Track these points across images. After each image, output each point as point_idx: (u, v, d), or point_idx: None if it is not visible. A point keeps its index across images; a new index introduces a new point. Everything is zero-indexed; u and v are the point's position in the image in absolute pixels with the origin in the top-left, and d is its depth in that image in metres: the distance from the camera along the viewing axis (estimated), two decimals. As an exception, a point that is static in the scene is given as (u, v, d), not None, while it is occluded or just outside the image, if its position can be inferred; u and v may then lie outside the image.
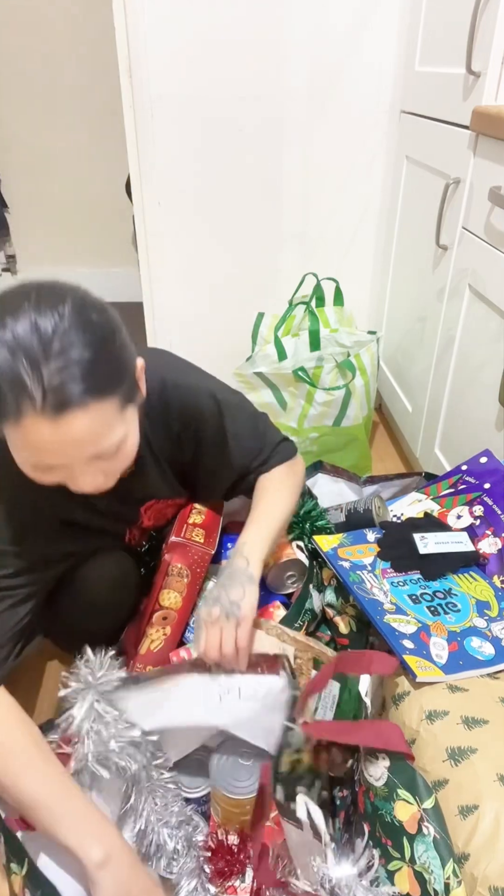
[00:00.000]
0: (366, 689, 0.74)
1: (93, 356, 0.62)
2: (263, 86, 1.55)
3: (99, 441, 0.66)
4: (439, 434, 1.36)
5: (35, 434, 0.62)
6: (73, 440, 0.63)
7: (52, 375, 0.60)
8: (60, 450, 0.64)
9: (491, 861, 0.58)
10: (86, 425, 0.63)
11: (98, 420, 0.64)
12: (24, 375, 0.59)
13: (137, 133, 1.56)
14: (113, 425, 0.67)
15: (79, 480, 0.69)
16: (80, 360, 0.61)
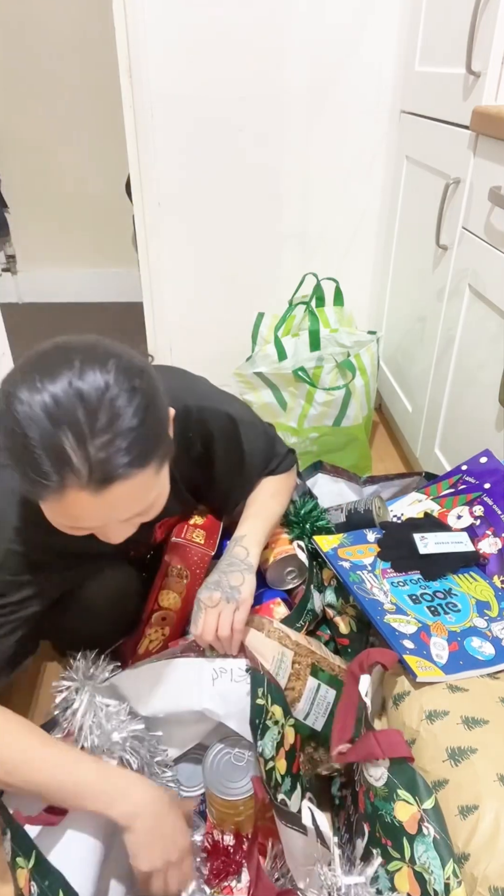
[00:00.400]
0: (366, 689, 0.74)
1: (137, 426, 0.60)
2: (263, 86, 1.55)
3: (137, 506, 0.66)
4: (439, 434, 1.36)
5: (76, 506, 0.61)
6: (114, 509, 0.63)
7: (99, 450, 0.58)
8: (99, 517, 0.64)
9: (491, 861, 0.58)
10: (127, 494, 0.62)
11: (138, 487, 0.63)
12: (69, 450, 0.58)
13: (137, 133, 1.56)
14: (151, 487, 0.66)
15: (111, 536, 0.69)
16: (126, 433, 0.60)
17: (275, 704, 0.76)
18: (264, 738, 0.73)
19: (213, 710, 0.79)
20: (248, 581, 0.86)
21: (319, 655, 0.87)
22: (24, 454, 0.59)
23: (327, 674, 0.86)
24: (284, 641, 0.85)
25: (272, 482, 1.02)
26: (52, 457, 0.58)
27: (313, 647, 0.89)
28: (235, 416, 0.92)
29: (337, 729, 0.74)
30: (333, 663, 0.88)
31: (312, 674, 0.84)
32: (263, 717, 0.74)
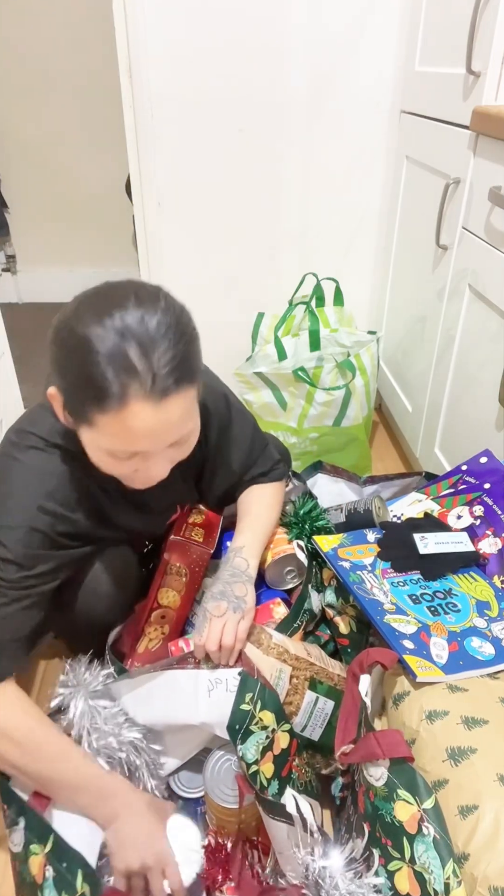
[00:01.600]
0: (366, 689, 0.74)
1: (187, 348, 0.68)
2: (263, 86, 1.55)
3: (184, 426, 0.72)
4: (439, 434, 1.36)
5: (137, 418, 0.66)
6: (169, 424, 0.69)
7: (161, 362, 0.65)
8: (155, 434, 0.69)
9: (491, 861, 0.58)
10: (180, 409, 0.69)
11: (187, 406, 0.71)
12: (134, 360, 0.64)
13: (137, 133, 1.56)
14: (193, 412, 0.74)
15: (152, 470, 0.74)
16: (181, 351, 0.67)
17: (265, 710, 0.76)
18: (246, 742, 0.73)
19: (210, 722, 0.78)
20: (251, 592, 0.88)
21: (318, 667, 0.87)
22: (88, 369, 0.65)
23: (326, 685, 0.86)
24: (283, 657, 0.84)
25: (265, 492, 1.04)
26: (118, 366, 0.64)
27: (313, 657, 0.87)
28: (230, 399, 0.98)
29: (339, 730, 0.74)
30: (332, 673, 0.88)
31: (311, 687, 0.84)
32: (247, 722, 0.74)
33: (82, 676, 0.81)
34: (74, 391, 0.69)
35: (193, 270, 1.76)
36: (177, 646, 0.92)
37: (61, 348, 0.68)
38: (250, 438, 1.02)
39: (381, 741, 0.66)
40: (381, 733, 0.66)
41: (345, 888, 0.61)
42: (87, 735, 0.77)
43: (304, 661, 0.85)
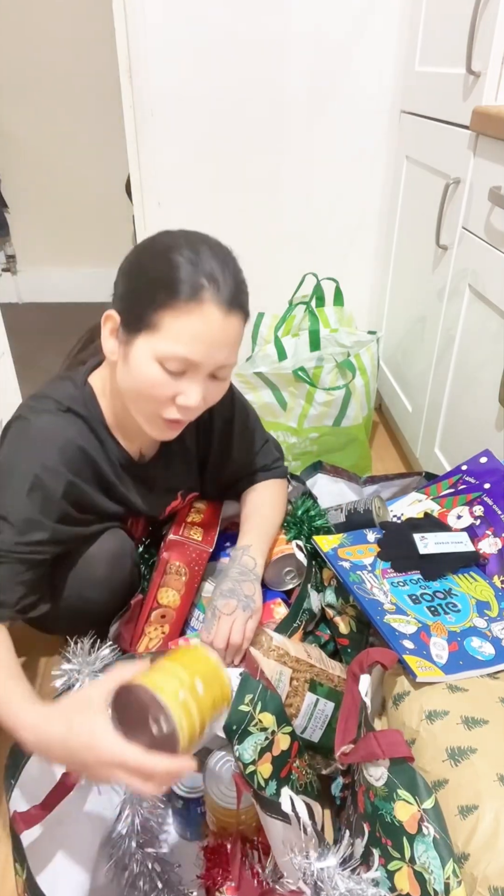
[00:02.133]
0: (366, 689, 0.74)
1: (243, 285, 0.80)
2: (263, 85, 1.55)
3: (233, 351, 0.80)
4: (439, 434, 1.36)
5: (207, 318, 0.75)
6: (229, 337, 0.78)
7: (227, 277, 0.77)
8: (215, 342, 0.77)
9: (491, 861, 0.58)
10: (236, 329, 0.79)
11: (240, 333, 0.80)
12: (213, 269, 0.76)
13: (137, 133, 1.56)
14: (239, 347, 0.81)
15: (189, 391, 0.79)
16: (239, 279, 0.80)
17: (265, 711, 0.75)
18: (243, 742, 0.72)
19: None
20: (259, 591, 0.90)
21: (318, 668, 0.86)
22: (167, 267, 0.75)
23: (326, 688, 0.86)
24: (283, 659, 0.84)
25: (269, 491, 1.06)
26: (198, 269, 0.75)
27: (313, 659, 0.87)
28: (236, 394, 1.02)
29: (339, 730, 0.74)
30: (332, 674, 0.88)
31: (311, 689, 0.84)
32: (245, 723, 0.73)
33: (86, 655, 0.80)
34: (146, 290, 0.77)
35: (193, 270, 1.76)
36: (177, 645, 0.92)
37: (137, 258, 0.81)
38: (254, 430, 1.06)
39: (381, 741, 0.66)
40: (381, 733, 0.66)
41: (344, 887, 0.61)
42: None
43: (304, 662, 0.85)
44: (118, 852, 0.77)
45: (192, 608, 1.00)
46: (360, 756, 0.68)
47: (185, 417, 0.82)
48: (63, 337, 0.99)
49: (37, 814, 0.68)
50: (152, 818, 0.81)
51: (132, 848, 0.78)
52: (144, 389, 0.80)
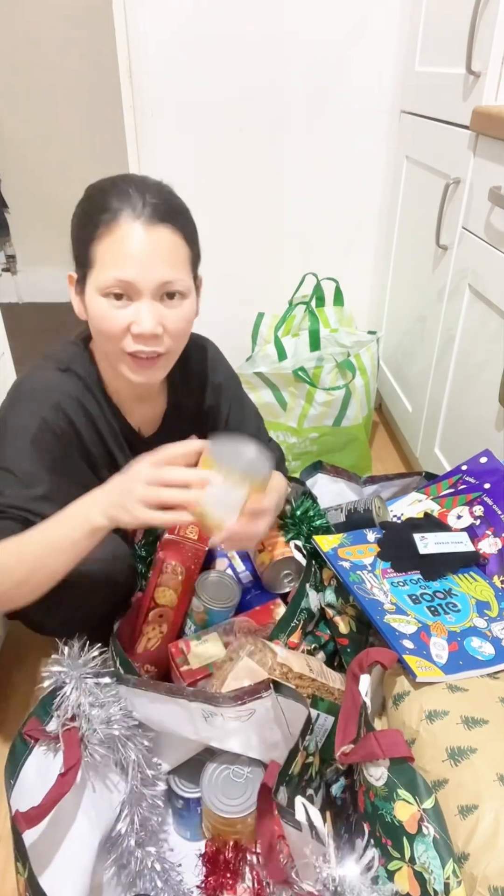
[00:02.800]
0: (366, 689, 0.73)
1: (180, 206, 0.83)
2: (263, 85, 1.55)
3: (172, 266, 0.79)
4: (439, 434, 1.36)
5: (127, 234, 0.76)
6: (156, 248, 0.78)
7: (153, 197, 0.79)
8: (143, 257, 0.77)
9: (491, 861, 0.58)
10: (168, 241, 0.79)
11: (177, 248, 0.80)
12: (130, 190, 0.78)
13: (137, 133, 1.56)
14: (184, 265, 0.82)
15: (142, 315, 0.78)
16: (173, 201, 0.82)
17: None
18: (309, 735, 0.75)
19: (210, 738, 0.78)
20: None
21: (319, 683, 0.86)
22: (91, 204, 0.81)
23: (327, 702, 0.85)
24: (287, 676, 0.83)
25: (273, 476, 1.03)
26: (115, 195, 0.78)
27: (314, 672, 0.86)
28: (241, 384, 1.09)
29: (339, 730, 0.74)
30: (333, 688, 0.87)
31: (312, 705, 0.83)
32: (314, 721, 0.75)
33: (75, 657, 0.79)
34: (78, 236, 0.83)
35: (193, 270, 1.76)
36: (176, 647, 0.92)
37: (76, 209, 0.84)
38: (254, 422, 1.10)
39: (381, 741, 0.65)
40: (381, 733, 0.66)
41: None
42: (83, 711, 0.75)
43: (307, 678, 0.85)
44: (118, 851, 0.77)
45: (189, 608, 1.00)
46: (360, 756, 0.68)
47: (147, 347, 0.81)
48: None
49: (38, 813, 0.68)
50: (152, 817, 0.81)
51: (132, 846, 0.78)
52: (102, 328, 0.81)
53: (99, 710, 0.75)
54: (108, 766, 0.78)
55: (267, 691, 0.74)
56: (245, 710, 0.74)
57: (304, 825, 0.67)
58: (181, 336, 0.85)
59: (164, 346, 0.83)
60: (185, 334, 0.86)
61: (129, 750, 0.77)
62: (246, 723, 0.75)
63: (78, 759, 0.71)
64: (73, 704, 0.75)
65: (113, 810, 0.78)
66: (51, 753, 0.76)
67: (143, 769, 0.79)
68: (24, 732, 0.77)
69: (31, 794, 0.72)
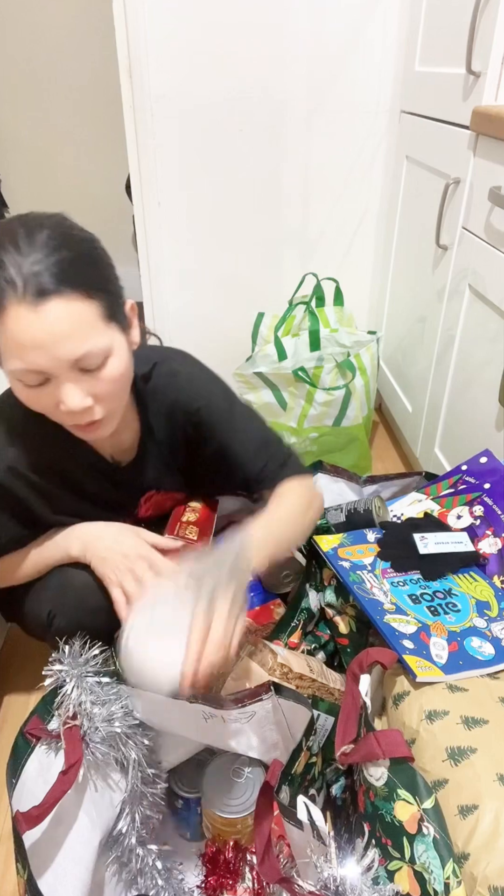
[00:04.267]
0: (366, 689, 0.74)
1: (72, 256, 0.67)
2: (264, 86, 1.55)
3: (80, 339, 0.68)
4: (439, 434, 1.36)
5: (16, 324, 0.65)
6: (53, 330, 0.66)
7: (34, 264, 0.65)
8: (42, 343, 0.66)
9: (491, 861, 0.58)
10: (65, 316, 0.66)
11: (77, 316, 0.67)
12: (9, 265, 0.65)
13: (137, 133, 1.56)
14: (94, 328, 0.69)
15: (66, 396, 0.70)
16: (61, 255, 0.66)
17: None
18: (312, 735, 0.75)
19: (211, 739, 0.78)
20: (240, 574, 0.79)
21: (319, 683, 0.86)
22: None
23: (327, 703, 0.85)
24: (287, 676, 0.83)
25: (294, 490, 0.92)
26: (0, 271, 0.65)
27: (315, 673, 0.86)
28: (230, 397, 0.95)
29: (340, 730, 0.74)
30: (333, 688, 0.87)
31: (312, 705, 0.83)
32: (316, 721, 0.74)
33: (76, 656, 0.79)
34: None
35: (194, 270, 1.76)
36: None
37: None
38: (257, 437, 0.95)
39: (381, 741, 0.66)
40: (381, 733, 0.66)
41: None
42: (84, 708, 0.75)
43: (307, 678, 0.85)
44: (119, 849, 0.77)
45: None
46: (360, 756, 0.68)
47: (83, 420, 0.75)
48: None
49: (39, 813, 0.68)
50: (153, 815, 0.81)
51: (133, 844, 0.78)
52: (32, 407, 0.74)
53: (100, 708, 0.75)
54: (108, 765, 0.78)
55: (267, 694, 0.74)
56: (245, 712, 0.74)
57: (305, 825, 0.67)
58: (117, 396, 0.77)
59: (102, 412, 0.75)
60: (123, 391, 0.78)
61: (129, 748, 0.77)
62: (246, 724, 0.75)
63: (79, 757, 0.71)
64: (74, 702, 0.75)
65: (114, 808, 0.78)
66: (52, 752, 0.76)
67: (144, 768, 0.79)
68: (26, 731, 0.77)
69: (32, 793, 0.72)
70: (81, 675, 0.76)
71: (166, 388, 0.90)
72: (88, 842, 0.74)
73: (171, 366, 0.91)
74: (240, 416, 0.94)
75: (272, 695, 0.74)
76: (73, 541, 0.88)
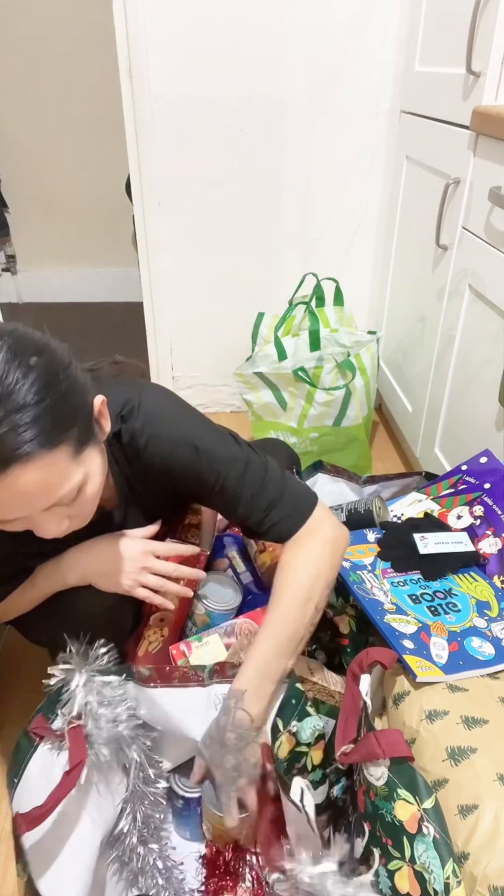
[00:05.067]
0: (366, 689, 0.74)
1: (34, 403, 0.58)
2: (264, 86, 1.55)
3: (51, 492, 0.62)
4: (439, 434, 1.36)
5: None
6: (22, 495, 0.60)
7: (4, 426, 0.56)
8: (13, 505, 0.61)
9: (491, 860, 0.58)
10: (32, 479, 0.59)
11: (46, 471, 0.60)
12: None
13: (137, 133, 1.57)
14: (66, 473, 0.63)
15: (42, 528, 0.66)
16: (18, 413, 0.57)
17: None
18: (302, 721, 0.75)
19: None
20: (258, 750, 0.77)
21: (320, 686, 0.86)
22: None
23: (327, 706, 0.85)
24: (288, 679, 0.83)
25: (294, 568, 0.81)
26: None
27: (315, 676, 0.86)
28: (201, 446, 0.79)
29: (340, 730, 0.74)
30: (333, 691, 0.87)
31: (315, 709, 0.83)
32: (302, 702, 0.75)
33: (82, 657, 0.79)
34: None
35: (193, 270, 1.76)
36: (177, 649, 0.92)
37: None
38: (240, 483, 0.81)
39: (381, 741, 0.66)
40: (381, 733, 0.66)
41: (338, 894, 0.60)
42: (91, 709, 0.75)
43: (308, 681, 0.85)
44: (120, 848, 0.77)
45: (190, 608, 1.00)
46: (361, 756, 0.68)
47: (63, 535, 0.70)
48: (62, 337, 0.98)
49: (39, 815, 0.68)
50: (154, 814, 0.81)
51: (134, 843, 0.78)
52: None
53: (106, 709, 0.75)
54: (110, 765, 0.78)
55: None
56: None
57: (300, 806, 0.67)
58: (93, 506, 0.70)
59: (79, 525, 0.71)
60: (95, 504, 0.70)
61: (132, 749, 0.77)
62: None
63: (83, 758, 0.71)
64: (79, 703, 0.75)
65: (115, 808, 0.78)
66: (55, 752, 0.76)
67: (146, 768, 0.79)
68: (31, 729, 0.77)
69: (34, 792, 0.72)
70: (88, 675, 0.76)
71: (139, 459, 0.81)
72: (90, 841, 0.74)
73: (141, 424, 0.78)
74: (214, 466, 0.80)
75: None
76: (68, 572, 0.86)
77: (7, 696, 1.11)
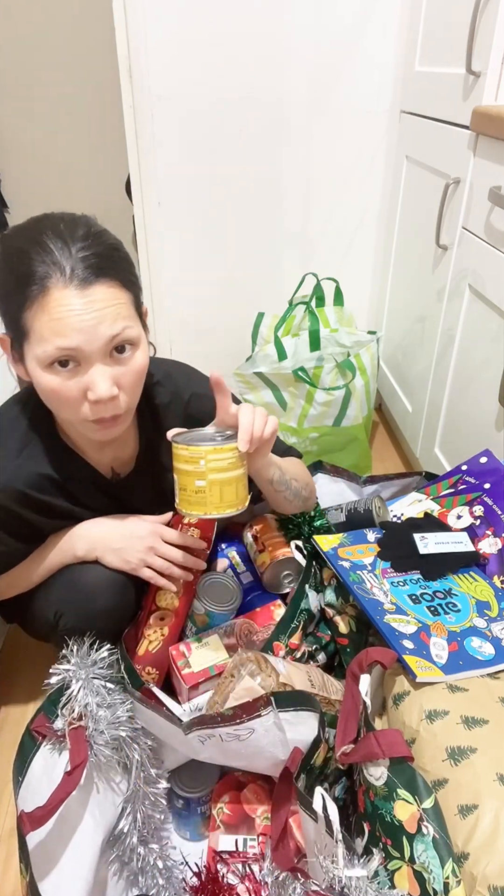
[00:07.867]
0: (366, 689, 0.74)
1: (110, 250, 0.74)
2: (264, 85, 1.55)
3: (117, 321, 0.73)
4: (439, 434, 1.36)
5: (61, 305, 0.69)
6: (96, 310, 0.71)
7: (80, 251, 0.71)
8: (87, 323, 0.70)
9: (490, 860, 0.58)
10: (108, 298, 0.72)
11: (117, 301, 0.73)
12: (55, 250, 0.70)
13: (137, 133, 1.57)
14: (129, 315, 0.75)
15: (94, 376, 0.74)
16: (102, 247, 0.72)
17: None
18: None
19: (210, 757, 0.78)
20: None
21: (322, 696, 0.85)
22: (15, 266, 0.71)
23: (329, 715, 0.84)
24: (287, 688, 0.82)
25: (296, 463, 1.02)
26: (39, 256, 0.70)
27: (316, 687, 0.85)
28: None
29: (340, 730, 0.74)
30: (333, 700, 0.85)
31: None
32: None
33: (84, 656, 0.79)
34: (8, 299, 0.73)
35: (194, 270, 1.76)
36: (177, 649, 0.92)
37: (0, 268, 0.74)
38: None
39: (381, 741, 0.66)
40: (380, 733, 0.66)
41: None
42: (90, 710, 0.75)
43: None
44: (121, 848, 0.78)
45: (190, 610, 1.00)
46: (361, 756, 0.68)
47: (107, 413, 0.77)
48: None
49: (42, 815, 0.68)
50: (155, 814, 0.81)
51: (134, 843, 0.78)
52: (53, 399, 0.76)
53: (106, 710, 0.75)
54: (111, 765, 0.78)
55: (266, 708, 0.72)
56: (244, 728, 0.73)
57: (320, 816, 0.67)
58: (137, 390, 0.81)
59: (123, 406, 0.79)
60: (140, 388, 0.81)
61: (133, 750, 0.77)
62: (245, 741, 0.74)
63: (84, 758, 0.71)
64: (80, 704, 0.75)
65: (116, 808, 0.78)
66: (56, 752, 0.76)
67: (147, 768, 0.79)
68: (33, 729, 0.77)
69: (36, 791, 0.72)
70: (89, 676, 0.77)
71: (163, 398, 0.94)
72: (92, 841, 0.74)
73: (165, 378, 0.95)
74: None
75: (272, 709, 0.71)
76: (77, 541, 0.90)
77: (7, 696, 1.11)
